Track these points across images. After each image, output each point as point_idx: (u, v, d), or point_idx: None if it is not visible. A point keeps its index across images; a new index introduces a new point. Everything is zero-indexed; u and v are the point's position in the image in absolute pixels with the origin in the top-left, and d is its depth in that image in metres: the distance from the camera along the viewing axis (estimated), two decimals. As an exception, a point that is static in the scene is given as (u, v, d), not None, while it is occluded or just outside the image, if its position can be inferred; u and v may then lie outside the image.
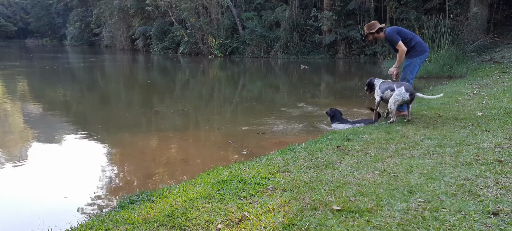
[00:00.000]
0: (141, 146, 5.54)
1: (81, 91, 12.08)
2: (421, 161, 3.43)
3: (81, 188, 3.97)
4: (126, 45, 36.22)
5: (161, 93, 11.34)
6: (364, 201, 2.58)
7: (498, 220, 2.22)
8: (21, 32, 67.21)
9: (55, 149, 5.40)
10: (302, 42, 22.68)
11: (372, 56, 20.20)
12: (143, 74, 18.06)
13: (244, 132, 6.09)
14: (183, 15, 26.05)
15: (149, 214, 2.61)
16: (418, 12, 17.38)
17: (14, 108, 8.46)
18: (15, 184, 4.18)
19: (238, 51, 24.12)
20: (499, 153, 3.49)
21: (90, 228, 2.50)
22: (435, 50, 12.87)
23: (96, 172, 4.44)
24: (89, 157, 5.12)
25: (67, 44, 50.45)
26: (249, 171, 3.37)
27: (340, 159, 3.65)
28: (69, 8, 54.06)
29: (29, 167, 4.67)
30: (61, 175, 4.45)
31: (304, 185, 2.95)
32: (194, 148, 5.35)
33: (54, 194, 3.84)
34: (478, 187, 2.72)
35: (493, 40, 14.94)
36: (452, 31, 14.11)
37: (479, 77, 9.65)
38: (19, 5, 68.72)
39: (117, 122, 7.26)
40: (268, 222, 2.35)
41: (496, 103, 6.13)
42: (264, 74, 16.94)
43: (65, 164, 4.86)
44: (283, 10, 22.85)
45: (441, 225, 2.20)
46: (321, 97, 10.19)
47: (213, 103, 9.75)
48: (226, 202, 2.72)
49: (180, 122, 7.22)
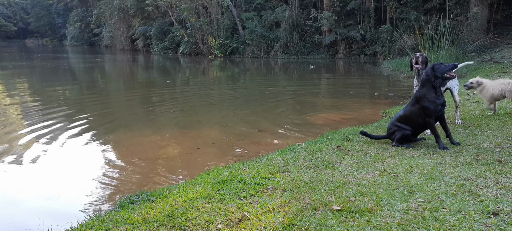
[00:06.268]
0: (141, 145, 5.54)
1: (82, 90, 12.08)
2: (421, 161, 3.43)
3: (81, 188, 3.96)
4: (126, 45, 36.25)
5: (161, 93, 11.33)
6: (364, 201, 2.58)
7: (498, 220, 2.21)
8: (21, 32, 67.24)
9: (55, 149, 5.39)
10: (302, 42, 22.70)
11: (372, 56, 20.21)
12: (145, 74, 18.07)
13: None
14: (183, 15, 26.08)
15: (149, 214, 2.61)
16: (418, 12, 17.39)
17: (14, 108, 8.46)
18: (15, 184, 4.18)
19: (238, 51, 24.13)
20: (499, 153, 3.49)
21: (90, 228, 2.50)
22: (435, 50, 12.88)
23: (96, 172, 4.44)
24: (89, 157, 5.12)
25: (67, 44, 50.48)
26: (249, 171, 3.37)
27: (340, 159, 3.65)
28: (69, 8, 54.09)
29: (29, 167, 4.67)
30: (61, 175, 4.45)
31: (304, 185, 2.94)
32: (194, 148, 5.35)
33: (54, 194, 3.84)
34: (478, 187, 2.72)
35: (493, 40, 14.95)
36: (452, 31, 14.13)
37: (479, 77, 9.63)
38: (19, 5, 68.75)
39: (117, 121, 7.26)
40: (268, 222, 2.35)
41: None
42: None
43: (65, 163, 4.86)
44: (283, 10, 22.86)
45: (441, 225, 2.20)
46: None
47: (221, 103, 9.75)
48: (226, 202, 2.72)
49: (181, 121, 7.22)
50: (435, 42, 13.67)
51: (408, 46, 15.97)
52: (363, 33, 20.42)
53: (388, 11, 19.24)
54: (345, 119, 6.86)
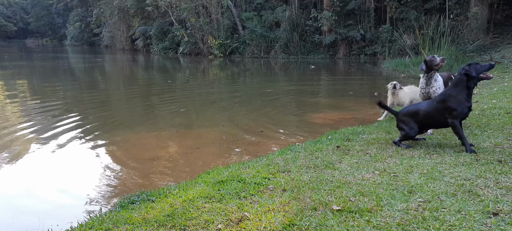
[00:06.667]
0: (142, 145, 5.54)
1: (81, 90, 12.07)
2: (421, 161, 3.43)
3: (81, 188, 3.96)
4: (126, 45, 36.24)
5: (161, 93, 11.33)
6: (364, 201, 2.58)
7: (498, 220, 2.22)
8: (21, 32, 67.25)
9: (55, 149, 5.39)
10: (302, 42, 22.69)
11: (372, 56, 20.21)
12: (145, 74, 18.06)
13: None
14: (183, 15, 26.08)
15: (149, 214, 2.61)
16: (418, 12, 17.39)
17: (14, 108, 8.46)
18: (15, 184, 4.18)
19: (238, 51, 24.13)
20: (499, 153, 3.50)
21: (90, 228, 2.50)
22: (435, 50, 12.88)
23: (96, 172, 4.44)
24: (89, 157, 5.12)
25: (67, 44, 50.44)
26: (249, 171, 3.37)
27: (340, 159, 3.65)
28: (69, 8, 54.07)
29: (29, 167, 4.67)
30: (61, 174, 4.45)
31: (304, 185, 2.95)
32: (195, 148, 5.35)
33: (54, 194, 3.84)
34: (478, 187, 2.72)
35: (493, 40, 14.95)
36: (452, 31, 14.13)
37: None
38: (19, 5, 68.74)
39: (117, 121, 7.26)
40: (268, 222, 2.35)
41: (496, 103, 6.13)
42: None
43: (66, 163, 4.86)
44: (283, 10, 22.86)
45: (441, 225, 2.20)
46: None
47: (222, 102, 9.75)
48: (226, 202, 2.72)
49: (181, 121, 7.22)
50: (435, 42, 13.67)
51: (408, 46, 15.98)
52: (363, 33, 20.43)
53: (388, 11, 19.23)
54: (345, 119, 6.86)
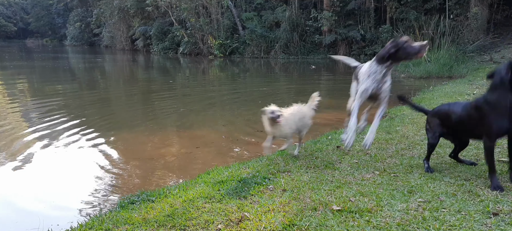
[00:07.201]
0: (141, 145, 5.54)
1: (82, 90, 12.07)
2: (421, 161, 3.43)
3: (81, 188, 3.97)
4: (126, 45, 36.25)
5: (161, 93, 11.33)
6: (364, 201, 2.58)
7: (498, 220, 2.22)
8: (21, 32, 67.29)
9: (55, 149, 5.39)
10: (302, 42, 22.69)
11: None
12: (145, 74, 18.06)
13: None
14: (183, 15, 26.08)
15: (149, 214, 2.61)
16: (418, 12, 17.38)
17: (14, 108, 8.46)
18: (15, 184, 4.18)
19: (238, 51, 24.12)
20: (499, 153, 3.49)
21: (90, 228, 2.50)
22: (435, 50, 12.86)
23: (96, 172, 4.44)
24: (90, 157, 5.11)
25: (67, 44, 50.47)
26: (249, 171, 3.37)
27: (340, 159, 3.65)
28: (69, 8, 54.10)
29: (29, 167, 4.67)
30: (61, 175, 4.46)
31: (304, 185, 2.95)
32: (194, 148, 5.35)
33: (54, 194, 3.84)
34: (478, 187, 2.72)
35: (493, 40, 14.95)
36: (452, 31, 14.12)
37: (479, 77, 9.64)
38: (19, 5, 68.80)
39: (117, 121, 7.26)
40: (268, 222, 2.35)
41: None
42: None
43: (66, 163, 4.85)
44: (283, 11, 22.86)
45: (441, 225, 2.20)
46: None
47: (223, 103, 9.76)
48: (226, 202, 2.72)
49: (181, 121, 7.22)
50: (435, 42, 13.66)
51: (408, 46, 15.93)
52: (363, 33, 20.42)
53: (388, 11, 19.23)
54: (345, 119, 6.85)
